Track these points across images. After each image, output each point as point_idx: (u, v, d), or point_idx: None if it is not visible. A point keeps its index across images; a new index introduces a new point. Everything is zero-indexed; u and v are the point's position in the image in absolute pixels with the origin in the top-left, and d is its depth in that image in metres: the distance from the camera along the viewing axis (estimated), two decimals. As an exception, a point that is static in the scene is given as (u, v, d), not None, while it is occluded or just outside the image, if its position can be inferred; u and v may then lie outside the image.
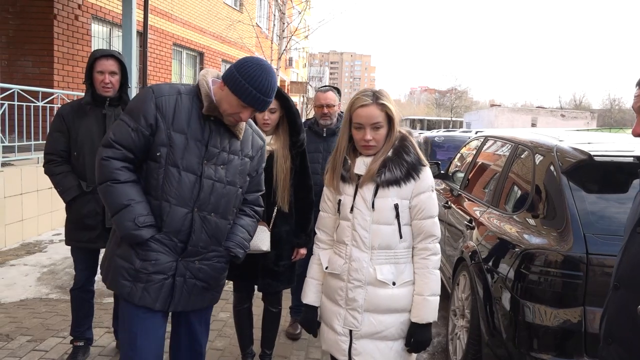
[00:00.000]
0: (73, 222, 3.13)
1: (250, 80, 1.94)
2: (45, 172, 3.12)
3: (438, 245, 2.11)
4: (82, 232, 3.09)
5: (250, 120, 2.26)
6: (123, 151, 2.00)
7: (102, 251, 3.50)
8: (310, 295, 2.26)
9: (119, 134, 2.00)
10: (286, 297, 4.47)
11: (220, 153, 2.09)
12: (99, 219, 3.07)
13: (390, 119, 2.05)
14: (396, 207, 2.03)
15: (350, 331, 2.10)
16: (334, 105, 3.68)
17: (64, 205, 3.22)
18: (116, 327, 3.41)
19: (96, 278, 3.33)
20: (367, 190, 2.06)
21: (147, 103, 1.99)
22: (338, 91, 3.85)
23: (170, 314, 2.22)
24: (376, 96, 2.03)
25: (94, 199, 3.04)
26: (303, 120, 3.28)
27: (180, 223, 2.04)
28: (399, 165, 2.04)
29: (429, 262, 2.07)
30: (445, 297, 3.75)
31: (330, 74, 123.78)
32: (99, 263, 3.34)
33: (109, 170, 1.99)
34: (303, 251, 3.04)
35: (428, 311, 2.05)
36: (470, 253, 3.32)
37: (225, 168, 2.10)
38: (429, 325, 2.08)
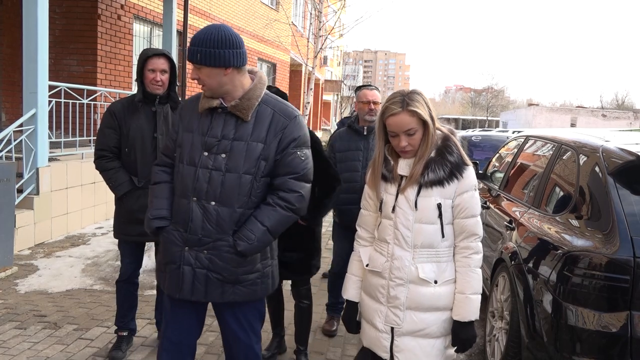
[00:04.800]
0: (124, 217, 3.21)
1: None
2: (97, 168, 3.22)
3: (480, 244, 2.11)
4: (133, 226, 3.17)
5: (278, 102, 2.20)
6: (162, 157, 2.34)
7: (148, 245, 3.62)
8: (351, 290, 2.28)
9: (163, 144, 2.40)
10: (323, 294, 4.52)
11: (220, 141, 2.11)
12: None
13: (424, 121, 2.03)
14: (439, 206, 2.04)
15: (392, 328, 2.11)
16: (380, 103, 3.72)
17: (106, 199, 3.35)
18: (158, 318, 3.51)
19: (140, 270, 3.44)
20: (411, 190, 2.06)
21: (176, 114, 2.31)
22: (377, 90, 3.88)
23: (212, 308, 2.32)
24: (406, 102, 2.00)
25: (145, 194, 3.11)
26: (338, 118, 3.30)
27: (183, 213, 2.15)
28: (442, 166, 2.04)
29: (471, 260, 2.07)
30: (483, 298, 3.71)
31: (364, 72, 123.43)
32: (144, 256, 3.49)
33: (152, 173, 2.35)
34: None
35: (470, 309, 2.05)
36: (510, 254, 3.28)
37: (226, 156, 2.10)
38: (471, 323, 2.08)
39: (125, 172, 3.15)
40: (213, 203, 2.10)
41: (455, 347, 2.12)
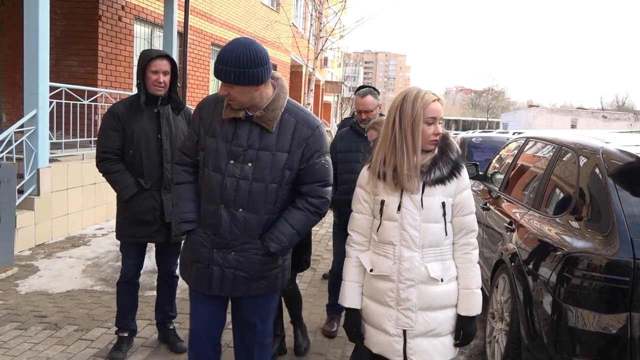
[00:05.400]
0: (129, 218, 3.19)
1: (216, 57, 2.07)
2: (100, 170, 3.19)
3: (476, 240, 2.19)
4: (138, 228, 3.18)
5: (300, 110, 2.23)
6: (183, 156, 2.36)
7: (148, 245, 3.61)
8: (352, 298, 2.20)
9: (181, 143, 2.42)
10: (323, 295, 4.52)
11: (246, 151, 2.15)
12: (157, 215, 3.17)
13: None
14: (443, 205, 2.08)
15: (404, 331, 2.10)
16: (372, 111, 3.66)
17: (106, 200, 3.36)
18: (158, 319, 3.52)
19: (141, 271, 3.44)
20: (415, 189, 2.07)
21: (194, 115, 2.31)
22: (376, 91, 3.85)
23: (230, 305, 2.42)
24: (435, 94, 2.10)
25: (152, 196, 3.15)
26: (339, 120, 3.31)
27: (211, 218, 2.21)
28: (446, 164, 2.10)
29: (472, 256, 2.15)
30: (484, 299, 3.71)
31: (365, 73, 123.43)
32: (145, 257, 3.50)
33: (173, 172, 2.41)
34: None
35: (476, 303, 2.12)
36: (510, 255, 3.29)
37: (253, 165, 2.15)
38: (475, 317, 2.14)
39: (130, 174, 3.13)
40: (241, 210, 2.18)
41: (457, 342, 2.15)
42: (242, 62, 2.01)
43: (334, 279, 3.89)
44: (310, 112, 2.30)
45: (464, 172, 2.14)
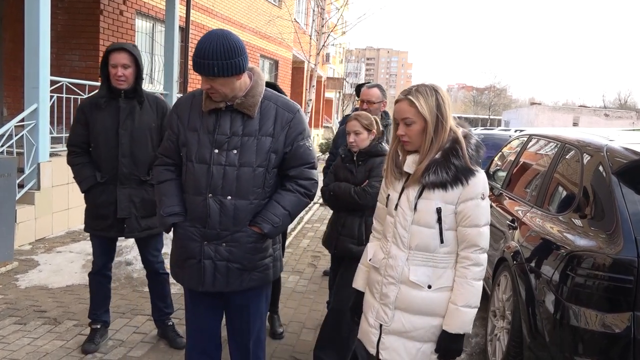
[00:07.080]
0: (90, 211, 3.27)
1: (194, 52, 2.06)
2: (67, 163, 3.28)
3: (483, 257, 2.00)
4: (97, 221, 3.23)
5: (279, 96, 2.29)
6: (163, 158, 2.37)
7: (120, 240, 3.60)
8: (358, 280, 2.30)
9: (161, 145, 2.40)
10: (323, 292, 4.51)
11: (230, 138, 2.17)
12: (112, 209, 3.17)
13: (424, 116, 1.97)
14: (438, 210, 1.97)
15: (381, 325, 2.11)
16: (374, 103, 3.66)
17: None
18: (155, 316, 3.51)
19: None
20: (412, 190, 2.03)
21: (171, 115, 2.33)
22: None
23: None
24: (409, 91, 2.02)
25: (108, 190, 3.17)
26: (340, 116, 3.30)
27: (199, 210, 2.20)
28: (445, 169, 1.96)
29: (468, 272, 1.98)
30: (485, 297, 3.70)
31: (367, 70, 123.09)
32: (116, 251, 3.50)
33: (154, 174, 2.41)
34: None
35: (460, 321, 1.97)
36: (512, 253, 3.27)
37: (238, 151, 2.16)
38: (459, 335, 1.99)
39: (90, 168, 3.19)
40: (229, 197, 2.17)
41: (437, 355, 2.04)
42: (223, 54, 2.03)
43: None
44: (288, 98, 2.35)
45: (474, 181, 1.95)
